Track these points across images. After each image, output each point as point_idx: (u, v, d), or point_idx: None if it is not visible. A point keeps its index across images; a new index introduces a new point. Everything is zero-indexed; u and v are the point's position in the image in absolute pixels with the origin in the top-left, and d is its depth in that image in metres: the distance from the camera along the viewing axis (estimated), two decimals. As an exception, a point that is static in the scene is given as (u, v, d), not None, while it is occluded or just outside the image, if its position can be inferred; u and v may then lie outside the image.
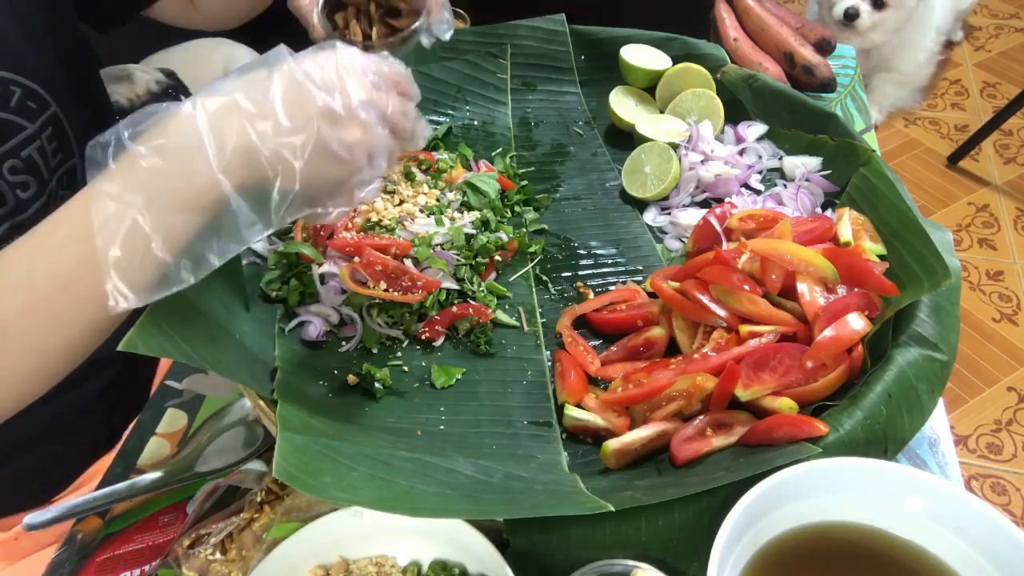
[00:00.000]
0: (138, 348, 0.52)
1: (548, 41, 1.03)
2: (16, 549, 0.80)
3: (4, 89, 0.68)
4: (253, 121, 0.50)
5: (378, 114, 0.54)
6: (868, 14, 1.96)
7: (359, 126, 0.53)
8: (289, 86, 0.51)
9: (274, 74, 0.52)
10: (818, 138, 0.86)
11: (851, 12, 1.95)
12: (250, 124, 0.50)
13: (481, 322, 0.72)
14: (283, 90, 0.51)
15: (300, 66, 0.52)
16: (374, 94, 0.54)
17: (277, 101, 0.50)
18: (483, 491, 0.55)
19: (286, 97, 0.51)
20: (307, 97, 0.51)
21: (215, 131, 0.49)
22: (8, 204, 0.70)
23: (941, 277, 0.60)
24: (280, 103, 0.50)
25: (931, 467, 0.68)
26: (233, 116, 0.50)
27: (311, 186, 0.53)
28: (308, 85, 0.51)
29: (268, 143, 0.50)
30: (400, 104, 0.57)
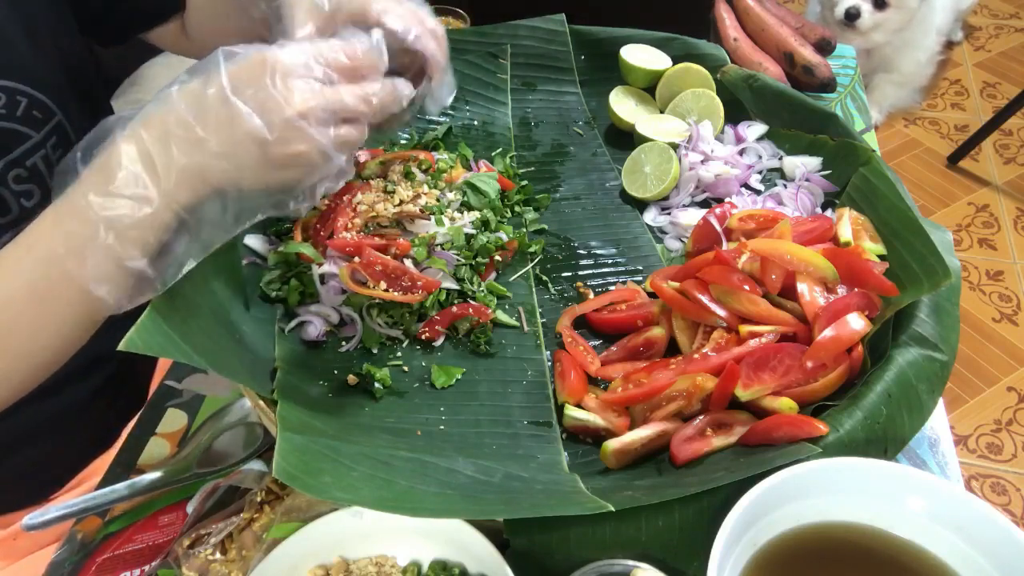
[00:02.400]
0: (138, 348, 0.52)
1: (548, 41, 1.03)
2: (15, 548, 0.80)
3: (11, 99, 0.68)
4: (184, 146, 0.51)
5: (325, 115, 0.53)
6: (869, 14, 1.96)
7: (298, 139, 0.52)
8: (219, 107, 0.51)
9: (207, 90, 0.52)
10: (818, 138, 0.86)
11: (852, 12, 1.95)
12: (182, 150, 0.51)
13: (481, 322, 0.72)
14: (213, 110, 0.51)
15: (230, 76, 0.51)
16: (312, 100, 0.52)
17: (208, 123, 0.51)
18: (483, 491, 0.55)
19: (217, 119, 0.51)
20: (236, 118, 0.51)
21: (154, 158, 0.51)
22: (12, 213, 0.70)
23: (941, 277, 0.60)
24: (211, 125, 0.51)
25: (931, 467, 0.68)
26: (168, 142, 0.51)
27: (261, 194, 0.54)
28: (237, 105, 0.51)
29: (203, 164, 0.51)
30: (357, 91, 0.55)
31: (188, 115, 0.51)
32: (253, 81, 0.51)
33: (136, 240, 0.51)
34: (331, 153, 0.54)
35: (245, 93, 0.51)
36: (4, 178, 0.69)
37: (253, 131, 0.51)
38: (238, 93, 0.51)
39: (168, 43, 0.90)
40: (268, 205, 0.56)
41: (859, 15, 1.95)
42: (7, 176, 0.69)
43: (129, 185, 0.51)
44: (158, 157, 0.51)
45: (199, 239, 0.54)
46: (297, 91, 0.52)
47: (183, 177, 0.51)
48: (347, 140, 0.55)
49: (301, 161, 0.53)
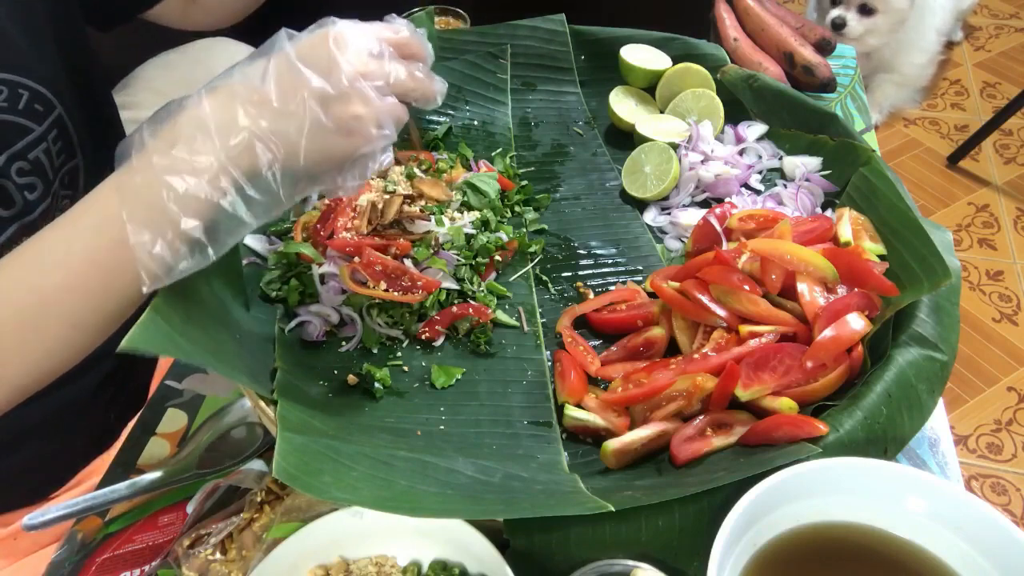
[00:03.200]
0: (139, 347, 0.52)
1: (548, 41, 1.03)
2: (15, 548, 0.80)
3: (12, 92, 0.69)
4: (250, 108, 0.52)
5: (381, 83, 0.55)
6: (856, 21, 1.97)
7: (359, 100, 0.54)
8: (283, 70, 0.53)
9: (271, 60, 0.53)
10: (818, 138, 0.86)
11: (837, 22, 1.96)
12: (247, 111, 0.52)
13: (481, 322, 0.72)
14: (277, 75, 0.53)
15: (295, 48, 0.53)
16: (372, 65, 0.55)
17: (271, 86, 0.52)
18: (483, 491, 0.55)
19: (280, 82, 0.53)
20: (300, 80, 0.52)
21: (217, 122, 0.52)
22: (16, 205, 0.70)
23: (941, 277, 0.60)
24: (274, 88, 0.52)
25: (931, 467, 0.68)
26: (233, 105, 0.52)
27: (318, 163, 0.55)
28: (300, 67, 0.52)
29: (266, 127, 0.52)
30: (406, 68, 0.58)
31: (254, 80, 0.53)
32: (316, 48, 0.54)
33: (193, 204, 0.51)
34: (384, 120, 0.55)
35: (307, 59, 0.53)
36: (7, 171, 0.69)
37: (316, 90, 0.52)
38: (301, 59, 0.53)
39: (174, 17, 0.91)
40: (322, 177, 0.56)
41: (844, 24, 1.96)
42: (10, 169, 0.69)
43: (190, 148, 0.51)
44: (221, 122, 0.52)
45: (253, 208, 0.54)
46: (356, 56, 0.54)
47: (243, 142, 0.52)
48: (395, 112, 0.57)
49: (357, 125, 0.54)
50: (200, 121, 0.52)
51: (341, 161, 0.56)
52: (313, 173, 0.55)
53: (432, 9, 1.00)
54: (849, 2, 1.97)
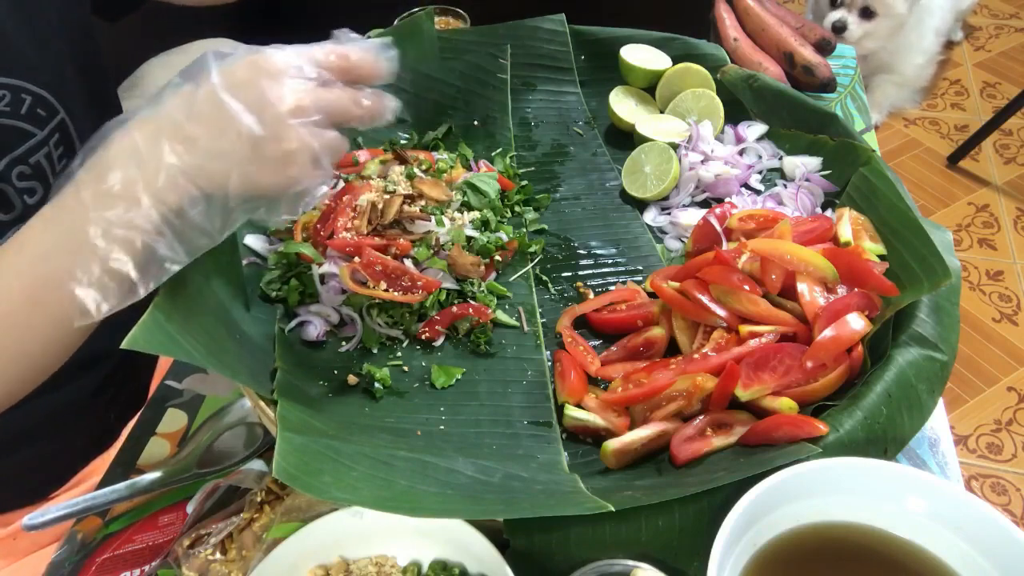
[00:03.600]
0: (140, 346, 0.52)
1: (548, 41, 1.03)
2: (15, 548, 0.80)
3: (15, 97, 0.68)
4: (176, 145, 0.51)
5: (316, 116, 0.52)
6: (856, 25, 1.97)
7: (291, 137, 0.51)
8: (210, 106, 0.51)
9: (198, 92, 0.51)
10: (818, 138, 0.86)
11: (838, 25, 1.95)
12: (174, 148, 0.51)
13: (481, 322, 0.72)
14: (204, 111, 0.51)
15: (224, 78, 0.51)
16: (307, 99, 0.52)
17: (198, 123, 0.51)
18: (483, 491, 0.55)
19: (207, 119, 0.51)
20: (228, 117, 0.50)
21: (145, 158, 0.51)
22: (16, 210, 0.70)
23: (941, 277, 0.60)
24: (202, 125, 0.51)
25: (931, 467, 0.68)
26: (160, 141, 0.51)
27: (249, 199, 0.53)
28: (228, 104, 0.50)
29: (194, 165, 0.51)
30: (348, 94, 0.55)
31: (179, 115, 0.51)
32: (245, 80, 0.51)
33: (123, 241, 0.51)
34: (320, 156, 0.53)
35: (236, 92, 0.51)
36: (8, 176, 0.69)
37: (244, 129, 0.50)
38: (229, 92, 0.51)
39: None
40: (254, 211, 0.55)
41: (846, 27, 1.96)
42: (11, 174, 0.69)
43: (119, 184, 0.51)
44: (149, 157, 0.51)
45: (184, 244, 0.53)
46: (289, 90, 0.51)
47: (172, 177, 0.51)
48: (335, 147, 0.55)
49: (291, 162, 0.52)
50: (128, 155, 0.51)
51: (274, 196, 0.54)
52: (244, 208, 0.54)
53: (432, 9, 1.00)
54: (851, 5, 1.97)
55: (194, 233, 0.53)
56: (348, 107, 0.55)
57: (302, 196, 0.56)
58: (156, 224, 0.51)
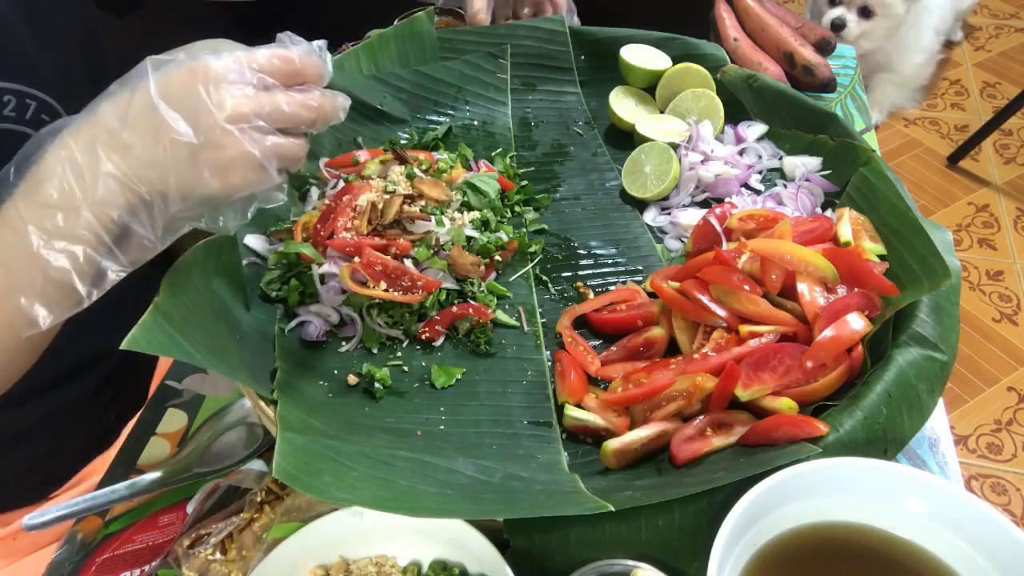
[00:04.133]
0: (140, 346, 0.52)
1: (548, 41, 1.03)
2: (15, 548, 0.80)
3: (20, 102, 0.68)
4: (112, 154, 0.50)
5: (258, 120, 0.51)
6: (855, 24, 1.97)
7: (229, 144, 0.50)
8: (145, 113, 0.50)
9: (133, 99, 0.51)
10: (818, 138, 0.86)
11: (837, 23, 1.96)
12: (110, 157, 0.50)
13: (481, 322, 0.72)
14: (138, 119, 0.50)
15: (159, 86, 0.50)
16: (246, 106, 0.51)
17: (133, 131, 0.50)
18: (483, 491, 0.55)
19: (142, 127, 0.50)
20: (163, 125, 0.50)
21: (80, 168, 0.50)
22: None
23: (941, 277, 0.60)
24: (137, 134, 0.50)
25: (931, 467, 0.68)
26: (95, 150, 0.50)
27: (191, 207, 0.52)
28: (162, 111, 0.50)
29: (131, 174, 0.50)
30: (294, 98, 0.53)
31: (114, 123, 0.51)
32: (181, 88, 0.50)
33: (64, 251, 0.50)
34: (264, 163, 0.52)
35: (172, 99, 0.50)
36: None
37: (180, 137, 0.50)
38: (165, 99, 0.50)
39: None
40: (198, 218, 0.54)
41: (844, 25, 1.96)
42: None
43: (56, 194, 0.50)
44: (86, 166, 0.50)
45: (126, 252, 0.53)
46: (228, 96, 0.50)
47: (110, 186, 0.50)
48: (283, 152, 0.53)
49: (232, 169, 0.51)
50: (64, 165, 0.50)
51: (219, 203, 0.53)
52: (186, 215, 0.53)
53: (432, 9, 1.00)
54: (850, 3, 1.97)
55: (135, 241, 0.52)
56: (295, 111, 0.53)
57: (249, 202, 0.55)
58: (96, 233, 0.51)
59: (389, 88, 0.95)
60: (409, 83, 0.97)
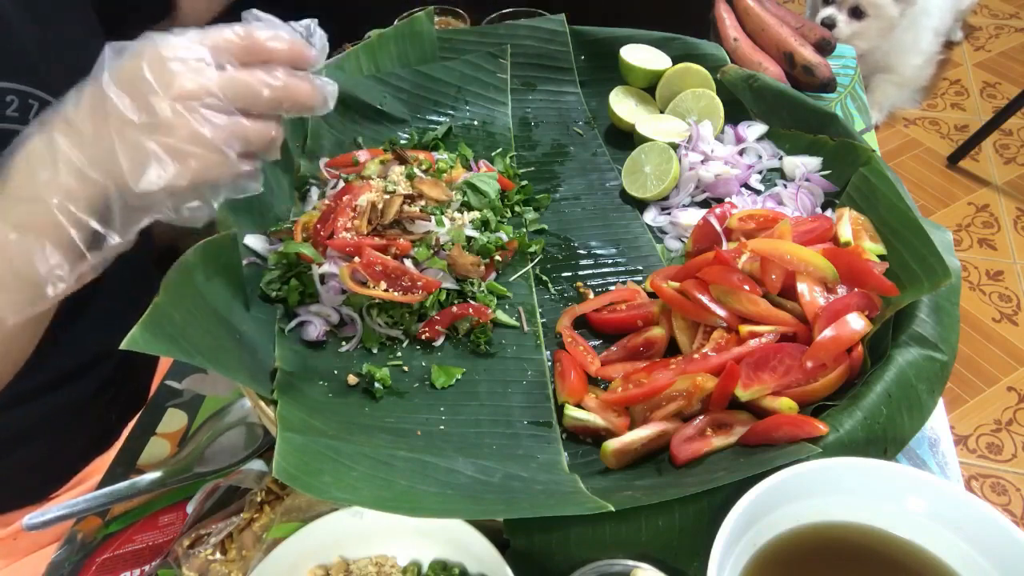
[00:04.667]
0: (140, 346, 0.52)
1: (548, 41, 1.03)
2: (15, 548, 0.80)
3: (23, 103, 0.68)
4: (68, 144, 0.49)
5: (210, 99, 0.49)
6: (845, 24, 1.97)
7: (180, 125, 0.48)
8: (95, 99, 0.49)
9: (89, 86, 0.50)
10: (818, 138, 0.86)
11: (827, 22, 1.96)
12: (67, 147, 0.49)
13: (481, 322, 0.72)
14: (89, 105, 0.50)
15: (113, 72, 0.49)
16: (197, 79, 0.48)
17: (84, 118, 0.49)
18: (483, 491, 0.55)
19: (92, 112, 0.49)
20: (110, 109, 0.48)
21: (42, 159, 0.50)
22: None
23: (941, 277, 0.60)
24: (88, 120, 0.49)
25: (931, 467, 0.68)
26: (54, 141, 0.50)
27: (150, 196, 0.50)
28: (111, 95, 0.48)
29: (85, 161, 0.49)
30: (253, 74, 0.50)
31: (72, 112, 0.50)
32: (131, 71, 0.49)
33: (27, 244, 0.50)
34: (220, 145, 0.49)
35: (121, 83, 0.49)
36: None
37: (125, 118, 0.48)
38: (115, 82, 0.49)
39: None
40: (159, 208, 0.52)
41: (835, 25, 1.96)
42: None
43: (20, 187, 0.50)
44: (46, 156, 0.50)
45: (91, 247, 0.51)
46: (175, 74, 0.48)
47: (69, 176, 0.49)
48: (245, 133, 0.51)
49: (187, 153, 0.49)
50: (28, 156, 0.50)
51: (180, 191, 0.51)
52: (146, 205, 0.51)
53: (432, 9, 1.00)
54: (841, 3, 1.97)
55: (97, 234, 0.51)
56: (252, 88, 0.50)
57: (215, 192, 0.53)
58: (58, 226, 0.50)
59: (389, 88, 0.95)
60: (409, 83, 0.97)
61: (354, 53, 0.93)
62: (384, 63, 0.96)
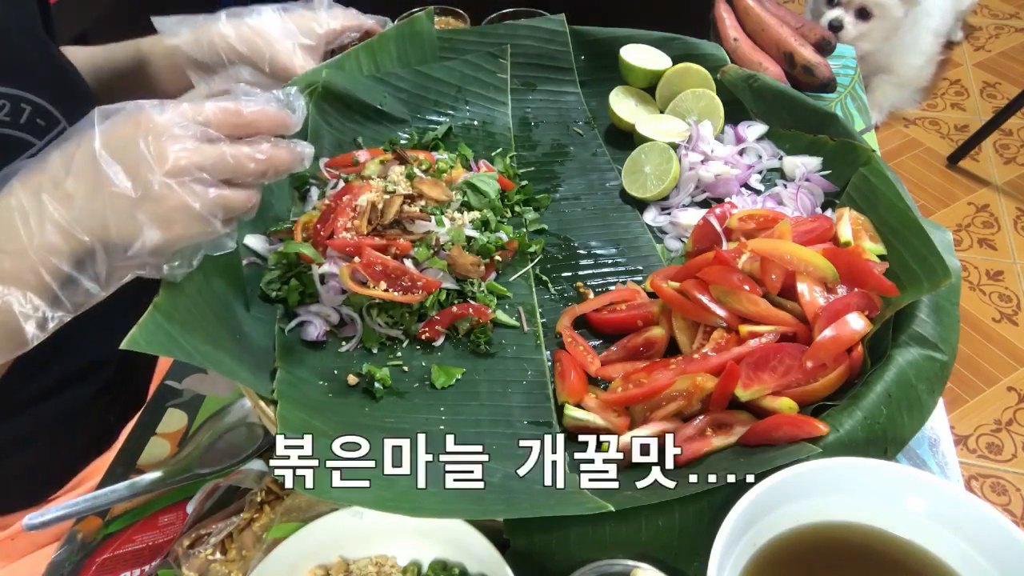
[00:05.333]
0: (140, 346, 0.52)
1: (548, 41, 1.03)
2: (14, 549, 0.80)
3: (15, 106, 0.68)
4: (54, 203, 0.51)
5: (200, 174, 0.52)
6: (852, 25, 1.97)
7: (168, 197, 0.51)
8: (86, 165, 0.51)
9: (79, 149, 0.52)
10: (818, 138, 0.86)
11: (835, 24, 1.96)
12: (53, 206, 0.51)
13: (481, 322, 0.72)
14: (80, 170, 0.51)
15: (103, 137, 0.51)
16: (187, 158, 0.51)
17: (75, 182, 0.51)
18: (483, 491, 0.55)
19: (83, 178, 0.51)
20: (102, 178, 0.50)
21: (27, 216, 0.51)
22: None
23: (941, 277, 0.60)
24: (79, 185, 0.51)
25: (931, 467, 0.68)
26: (40, 199, 0.51)
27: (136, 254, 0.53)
28: (102, 164, 0.50)
29: (72, 222, 0.51)
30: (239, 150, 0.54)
31: (60, 172, 0.51)
32: (123, 140, 0.51)
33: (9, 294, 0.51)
34: (206, 215, 0.52)
35: (114, 151, 0.51)
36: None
37: (119, 190, 0.50)
38: (107, 151, 0.51)
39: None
40: (142, 266, 0.54)
41: (842, 27, 1.96)
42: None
43: (3, 239, 0.51)
44: (31, 212, 0.51)
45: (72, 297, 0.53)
46: (169, 149, 0.51)
47: (54, 233, 0.51)
48: (227, 203, 0.54)
49: (173, 220, 0.52)
50: (12, 211, 0.51)
51: (163, 252, 0.54)
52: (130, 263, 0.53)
53: (432, 9, 1.00)
54: (848, 4, 1.97)
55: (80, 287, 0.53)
56: (240, 163, 0.53)
57: (196, 251, 0.56)
58: (41, 278, 0.51)
59: (389, 88, 0.95)
60: (409, 83, 0.97)
61: (354, 53, 0.93)
62: (384, 63, 0.96)
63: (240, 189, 0.55)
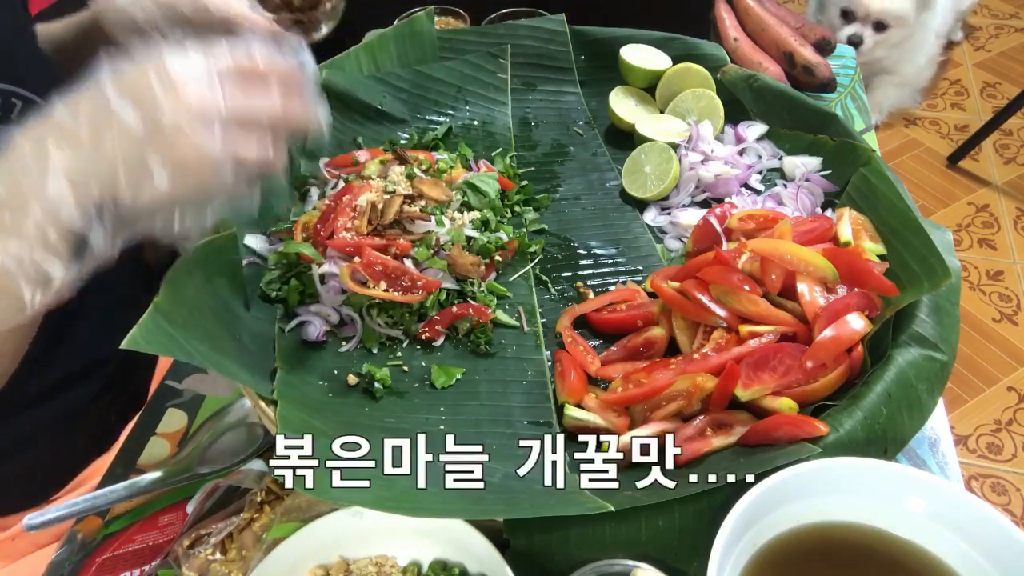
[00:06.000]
0: (140, 346, 0.52)
1: (548, 41, 1.03)
2: (14, 549, 0.80)
3: (5, 102, 0.68)
4: (61, 150, 0.48)
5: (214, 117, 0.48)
6: (871, 38, 1.97)
7: (182, 141, 0.48)
8: (94, 105, 0.48)
9: (86, 92, 0.49)
10: (818, 138, 0.86)
11: (854, 40, 1.96)
12: (60, 154, 0.48)
13: (481, 322, 0.72)
14: (88, 111, 0.48)
15: (114, 81, 0.48)
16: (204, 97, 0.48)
17: (84, 124, 0.48)
18: (483, 491, 0.55)
19: (91, 119, 0.48)
20: (111, 117, 0.48)
21: (30, 165, 0.48)
22: None
23: (941, 277, 0.60)
24: (86, 126, 0.48)
25: (931, 467, 0.68)
26: (45, 147, 0.48)
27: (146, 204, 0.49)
28: (113, 103, 0.48)
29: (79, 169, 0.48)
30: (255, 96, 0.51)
31: (66, 118, 0.49)
32: (135, 82, 0.48)
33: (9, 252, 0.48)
34: (220, 163, 0.49)
35: (125, 92, 0.48)
36: None
37: (128, 129, 0.47)
38: (116, 89, 0.48)
39: None
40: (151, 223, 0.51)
41: (862, 42, 1.96)
42: None
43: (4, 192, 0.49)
44: (34, 163, 0.48)
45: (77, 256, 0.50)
46: (183, 91, 0.48)
47: (58, 183, 0.48)
48: (245, 154, 0.50)
49: (185, 169, 0.48)
50: (14, 162, 0.49)
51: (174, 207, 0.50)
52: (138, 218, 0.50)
53: (432, 9, 1.00)
54: (865, 19, 1.97)
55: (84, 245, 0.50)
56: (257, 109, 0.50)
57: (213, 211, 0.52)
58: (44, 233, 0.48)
59: (389, 88, 0.95)
60: (409, 83, 0.97)
61: (354, 53, 0.93)
62: (384, 63, 0.96)
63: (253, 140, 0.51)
